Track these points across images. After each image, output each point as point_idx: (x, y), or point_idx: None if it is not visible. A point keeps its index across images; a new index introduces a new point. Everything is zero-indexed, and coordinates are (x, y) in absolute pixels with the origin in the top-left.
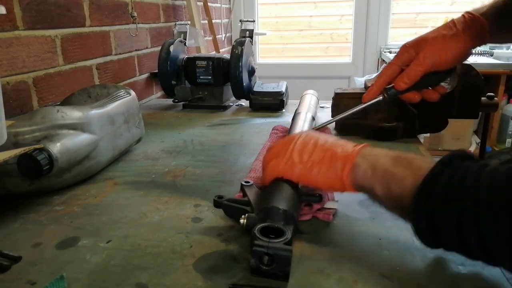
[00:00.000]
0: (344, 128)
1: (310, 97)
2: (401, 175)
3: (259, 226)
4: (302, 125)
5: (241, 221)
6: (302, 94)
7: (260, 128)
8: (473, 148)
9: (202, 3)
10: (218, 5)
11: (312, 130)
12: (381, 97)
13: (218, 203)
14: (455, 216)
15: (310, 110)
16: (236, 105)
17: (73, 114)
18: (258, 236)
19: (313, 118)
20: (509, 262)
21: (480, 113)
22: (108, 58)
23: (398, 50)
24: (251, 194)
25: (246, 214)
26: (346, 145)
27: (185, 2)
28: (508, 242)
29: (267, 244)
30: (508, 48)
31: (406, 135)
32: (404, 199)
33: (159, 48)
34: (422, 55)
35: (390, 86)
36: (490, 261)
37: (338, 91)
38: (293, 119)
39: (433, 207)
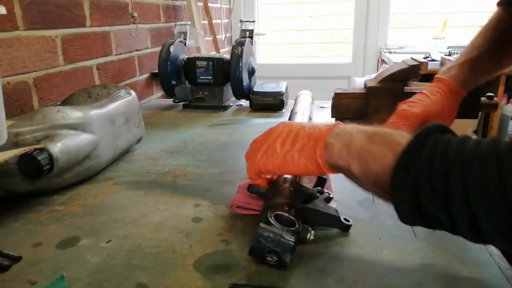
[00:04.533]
0: None
1: (305, 98)
2: (379, 152)
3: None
4: None
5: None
6: (297, 94)
7: (260, 128)
8: None
9: (202, 3)
10: (218, 5)
11: (290, 121)
12: None
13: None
14: (441, 186)
15: (307, 110)
16: (236, 105)
17: (74, 114)
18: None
19: (310, 118)
20: (501, 239)
21: (480, 113)
22: (108, 58)
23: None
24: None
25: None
26: (319, 127)
27: (185, 2)
28: (500, 216)
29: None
30: None
31: None
32: (383, 177)
33: (159, 48)
34: None
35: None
36: (479, 239)
37: (338, 91)
38: (290, 118)
39: (416, 178)
